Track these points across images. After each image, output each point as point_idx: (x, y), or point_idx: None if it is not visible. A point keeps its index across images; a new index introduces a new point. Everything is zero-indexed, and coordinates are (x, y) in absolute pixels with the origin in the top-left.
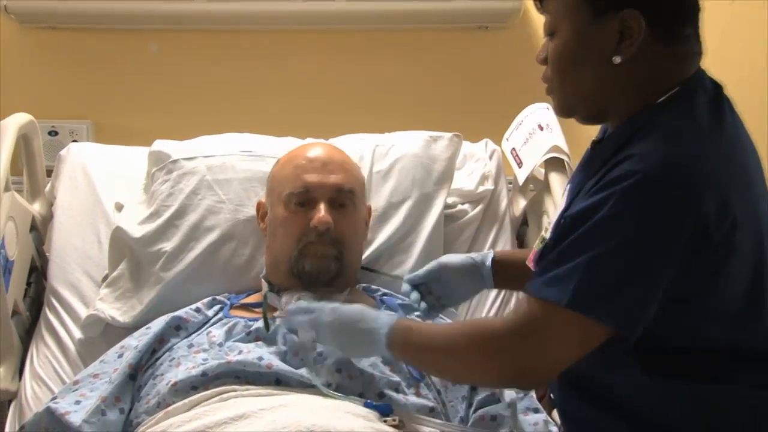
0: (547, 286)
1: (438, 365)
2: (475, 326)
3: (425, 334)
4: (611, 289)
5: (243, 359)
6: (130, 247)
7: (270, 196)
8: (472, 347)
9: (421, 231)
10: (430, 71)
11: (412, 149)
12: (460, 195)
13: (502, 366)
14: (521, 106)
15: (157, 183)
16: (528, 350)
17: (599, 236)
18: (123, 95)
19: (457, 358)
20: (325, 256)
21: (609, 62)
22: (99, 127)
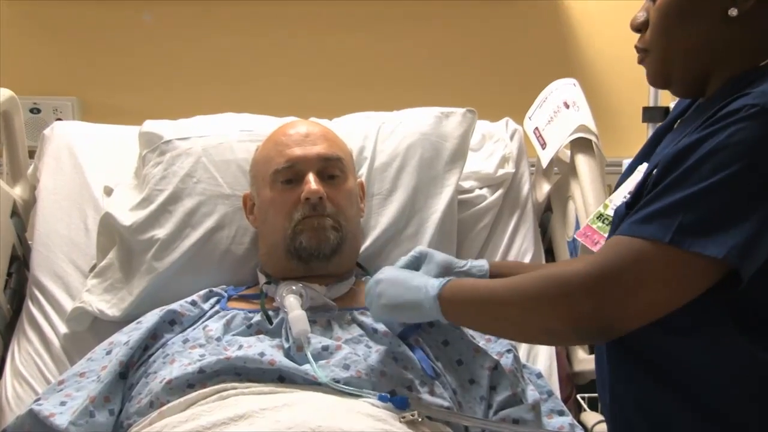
0: (644, 223)
1: (500, 318)
2: (548, 273)
3: (484, 285)
4: (721, 222)
5: (244, 355)
6: (120, 234)
7: (255, 183)
8: (546, 294)
9: (430, 216)
10: (444, 44)
11: (421, 127)
12: (478, 178)
13: (581, 314)
14: (545, 82)
15: (149, 166)
16: (618, 295)
17: (710, 167)
18: (112, 70)
19: (526, 308)
20: (322, 228)
21: (723, 16)
22: (86, 105)
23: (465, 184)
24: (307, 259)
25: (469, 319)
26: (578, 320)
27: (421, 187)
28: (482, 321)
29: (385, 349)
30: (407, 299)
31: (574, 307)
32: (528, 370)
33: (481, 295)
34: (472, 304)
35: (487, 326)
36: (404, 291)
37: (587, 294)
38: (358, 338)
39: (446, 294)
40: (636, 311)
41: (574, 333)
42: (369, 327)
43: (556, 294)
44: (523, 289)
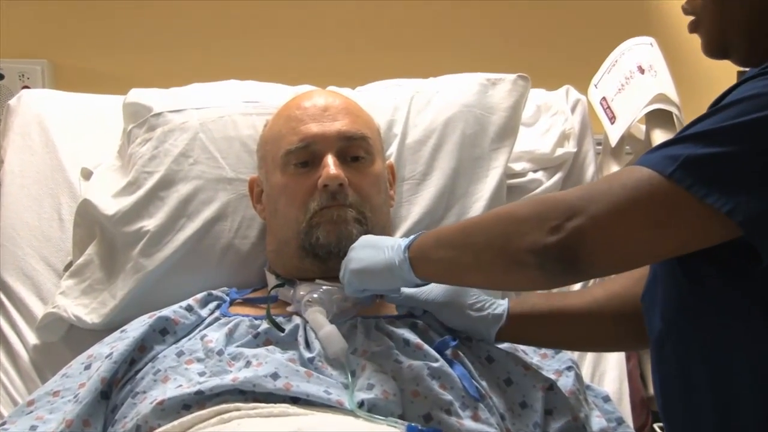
0: (650, 152)
1: (465, 255)
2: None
3: (456, 224)
4: (735, 171)
5: (253, 377)
6: (101, 225)
7: (263, 165)
8: (516, 214)
9: (473, 205)
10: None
11: (462, 97)
12: (532, 159)
13: (550, 236)
14: (615, 42)
15: (136, 143)
16: (595, 220)
17: (738, 109)
18: (90, 28)
19: (491, 234)
20: (343, 220)
21: None
22: (59, 69)
23: (515, 166)
24: (325, 258)
25: (435, 268)
26: (546, 247)
27: (463, 170)
28: (446, 267)
29: (419, 364)
30: (377, 260)
31: (543, 226)
32: (593, 392)
33: (448, 233)
34: (439, 246)
35: (451, 273)
36: (373, 252)
37: (563, 212)
38: (386, 351)
39: (416, 245)
40: (610, 246)
41: (539, 266)
42: (399, 338)
43: (528, 212)
44: (493, 213)
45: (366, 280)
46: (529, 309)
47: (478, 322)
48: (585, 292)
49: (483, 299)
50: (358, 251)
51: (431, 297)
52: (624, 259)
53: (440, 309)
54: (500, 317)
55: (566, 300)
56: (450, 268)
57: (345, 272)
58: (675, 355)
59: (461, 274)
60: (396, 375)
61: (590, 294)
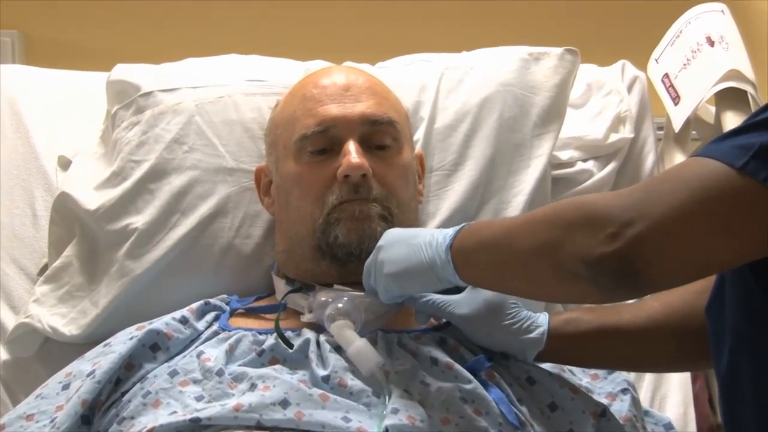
0: (718, 142)
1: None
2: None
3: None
4: None
5: (258, 404)
6: (82, 222)
7: (273, 152)
8: (563, 218)
9: (512, 199)
10: None
11: (500, 74)
12: (581, 147)
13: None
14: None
15: (122, 127)
16: (656, 222)
17: None
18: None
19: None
20: (366, 217)
21: None
22: (32, 42)
23: (562, 154)
24: (344, 260)
25: (479, 273)
26: (601, 258)
27: (500, 159)
28: (491, 273)
29: (449, 386)
30: (416, 261)
31: (597, 233)
32: (653, 419)
33: (490, 234)
34: (481, 249)
35: (496, 280)
36: (408, 251)
37: (619, 217)
38: (412, 371)
39: (457, 245)
40: (675, 257)
41: (592, 279)
42: (425, 356)
43: (579, 216)
44: (540, 215)
45: (406, 284)
46: (574, 328)
47: (513, 345)
48: (639, 307)
49: (520, 317)
50: (389, 251)
51: (459, 312)
52: (691, 270)
53: (468, 325)
54: (539, 342)
55: (619, 316)
56: (494, 274)
57: (377, 277)
58: (747, 375)
59: (506, 282)
60: (423, 399)
61: (645, 308)
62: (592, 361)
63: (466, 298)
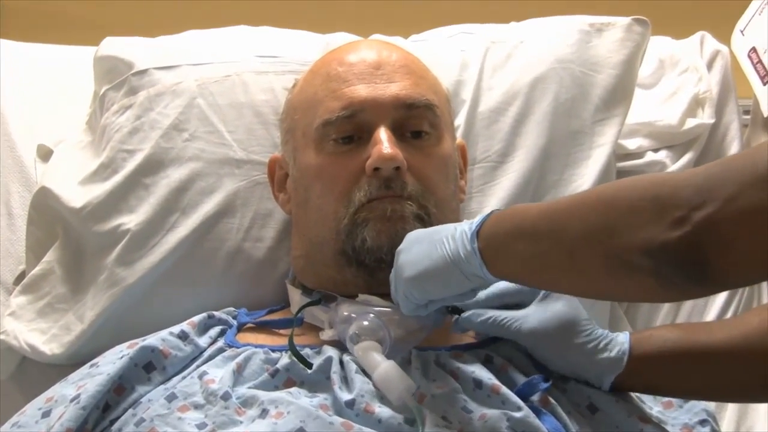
0: None
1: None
2: None
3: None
4: None
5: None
6: (65, 222)
7: (290, 140)
8: (625, 199)
9: None
10: None
11: (556, 49)
12: (652, 134)
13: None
14: None
15: (112, 111)
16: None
17: None
18: None
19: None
20: (399, 217)
21: None
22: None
23: (628, 143)
24: (373, 268)
25: (513, 265)
26: (665, 245)
27: (556, 149)
28: (528, 264)
29: (496, 414)
30: (436, 257)
31: (661, 217)
32: None
33: (531, 217)
34: (519, 235)
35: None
36: (428, 248)
37: (688, 197)
38: (451, 395)
39: (487, 230)
40: (753, 244)
41: (654, 271)
42: (468, 377)
43: (641, 196)
44: (594, 196)
45: (428, 287)
46: (659, 347)
47: (588, 366)
48: (734, 323)
49: (598, 335)
50: (408, 253)
51: (526, 327)
52: None
53: (537, 344)
54: (620, 362)
55: (709, 333)
56: (532, 266)
57: (397, 285)
58: None
59: (548, 276)
60: (465, 428)
61: (741, 325)
62: (677, 389)
63: (531, 314)
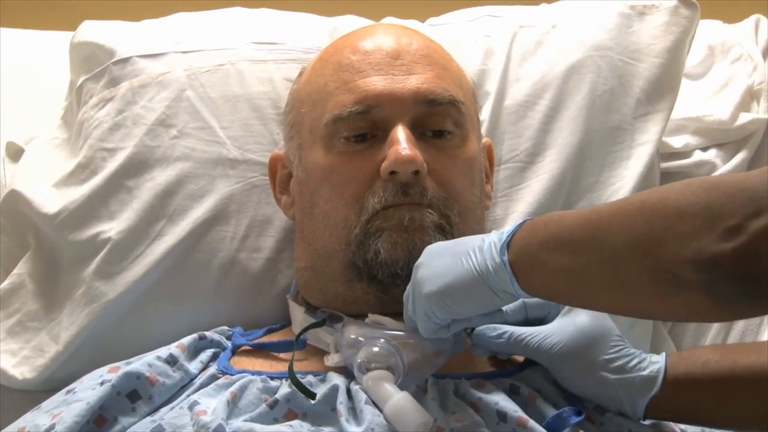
0: None
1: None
2: None
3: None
4: None
5: None
6: (38, 230)
7: (295, 136)
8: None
9: (609, 200)
10: None
11: (592, 34)
12: (700, 130)
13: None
14: None
15: (91, 105)
16: None
17: None
18: None
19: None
20: (418, 227)
21: None
22: None
23: (674, 141)
24: (387, 284)
25: (549, 280)
26: (717, 257)
27: (592, 148)
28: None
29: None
30: (461, 271)
31: (713, 226)
32: None
33: (567, 226)
34: (556, 246)
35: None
36: (451, 261)
37: (743, 204)
38: (473, 429)
39: (519, 242)
40: None
41: (706, 287)
42: (491, 409)
43: (690, 202)
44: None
45: (452, 304)
46: (700, 368)
47: (618, 388)
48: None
49: (629, 353)
50: (428, 267)
51: (547, 344)
52: None
53: (560, 364)
54: (653, 382)
55: (759, 354)
56: (570, 280)
57: (415, 303)
58: None
59: (587, 292)
60: None
61: None
62: (719, 417)
63: (554, 329)
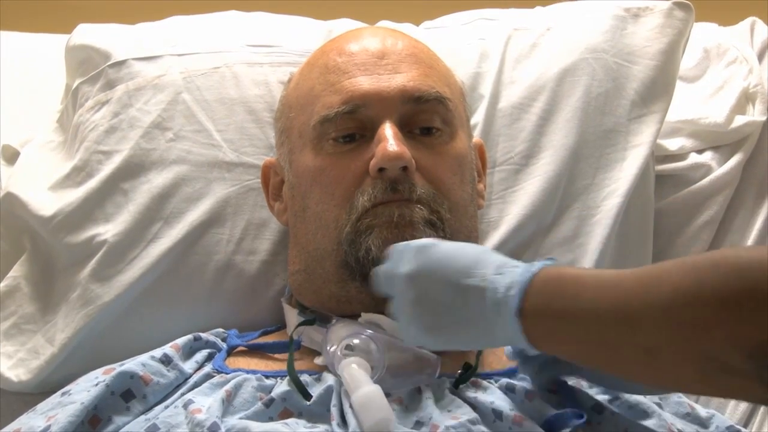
0: None
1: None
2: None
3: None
4: None
5: None
6: (33, 233)
7: (285, 142)
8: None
9: (601, 203)
10: None
11: (587, 37)
12: (695, 133)
13: None
14: None
15: (86, 108)
16: None
17: None
18: None
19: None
20: (408, 222)
21: None
22: None
23: (669, 143)
24: None
25: (575, 350)
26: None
27: (587, 150)
28: (595, 353)
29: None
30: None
31: (758, 311)
32: None
33: (595, 298)
34: (579, 319)
35: (603, 362)
36: (456, 297)
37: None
38: (469, 426)
39: (534, 306)
40: None
41: (753, 376)
42: (486, 407)
43: (731, 287)
44: (676, 280)
45: (449, 341)
46: None
47: None
48: None
49: None
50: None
51: None
52: None
53: None
54: None
55: None
56: (597, 357)
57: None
58: None
59: (619, 369)
60: None
61: None
62: None
63: None
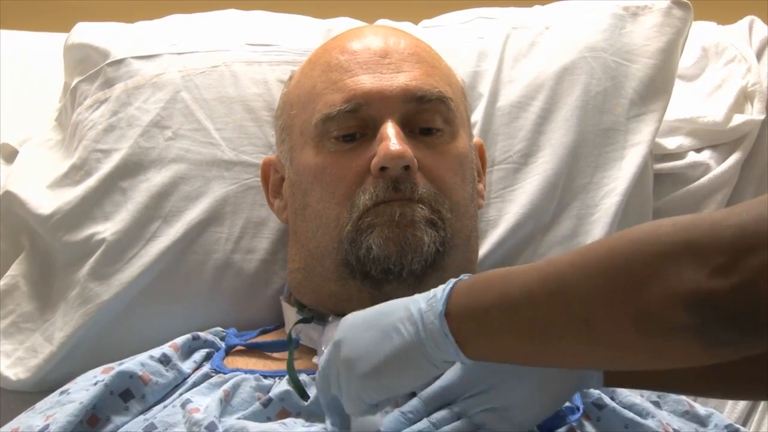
0: None
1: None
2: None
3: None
4: None
5: None
6: (31, 232)
7: (286, 139)
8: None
9: (600, 201)
10: None
11: (585, 35)
12: (694, 132)
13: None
14: None
15: (85, 106)
16: None
17: None
18: None
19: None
20: (410, 222)
21: None
22: None
23: (667, 142)
24: (379, 280)
25: (506, 343)
26: (710, 295)
27: (586, 148)
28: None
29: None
30: (396, 346)
31: (700, 263)
32: None
33: (521, 283)
34: (508, 307)
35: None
36: (381, 334)
37: (731, 242)
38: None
39: (459, 306)
40: None
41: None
42: None
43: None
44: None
45: (389, 385)
46: None
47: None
48: None
49: None
50: (353, 344)
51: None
52: None
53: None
54: None
55: None
56: (531, 341)
57: (344, 385)
58: None
59: (556, 351)
60: None
61: None
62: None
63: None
